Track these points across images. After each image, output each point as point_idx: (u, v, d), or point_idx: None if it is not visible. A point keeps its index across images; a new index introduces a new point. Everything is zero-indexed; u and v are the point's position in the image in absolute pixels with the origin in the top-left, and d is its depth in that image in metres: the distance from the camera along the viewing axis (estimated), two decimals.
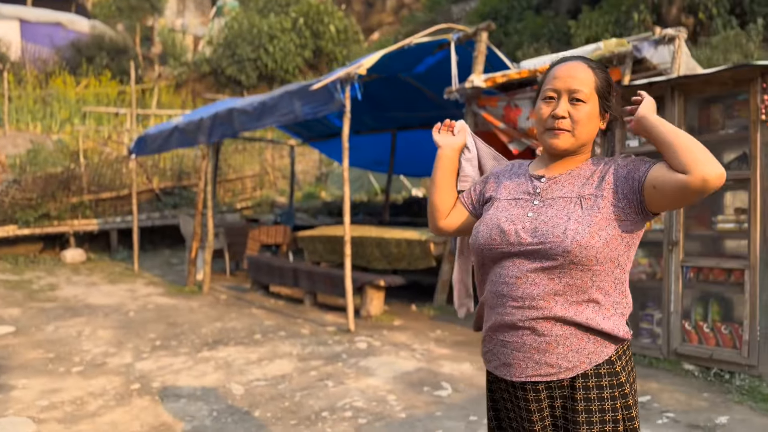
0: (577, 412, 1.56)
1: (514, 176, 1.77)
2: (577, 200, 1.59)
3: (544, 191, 1.65)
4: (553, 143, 1.62)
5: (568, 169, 1.66)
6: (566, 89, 1.59)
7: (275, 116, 6.12)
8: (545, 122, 1.63)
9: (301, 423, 3.57)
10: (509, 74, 5.90)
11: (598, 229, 1.54)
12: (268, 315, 6.47)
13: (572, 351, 1.56)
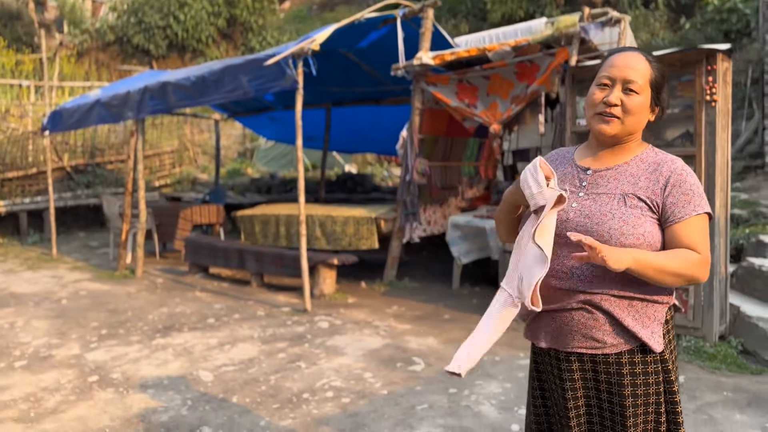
0: (623, 386, 1.64)
1: (560, 165, 1.81)
2: (621, 198, 1.64)
3: (590, 185, 1.70)
4: (602, 129, 1.67)
5: (615, 163, 1.71)
6: (621, 78, 1.64)
7: (220, 92, 5.85)
8: (596, 107, 1.68)
9: (284, 406, 3.53)
10: (458, 52, 5.97)
11: (639, 227, 1.60)
12: (215, 298, 6.27)
13: (618, 328, 1.64)
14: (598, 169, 1.72)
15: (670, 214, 1.62)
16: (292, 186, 11.93)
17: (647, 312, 1.65)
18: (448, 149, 7.14)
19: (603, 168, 1.71)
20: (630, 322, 1.63)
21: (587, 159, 1.76)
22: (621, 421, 1.65)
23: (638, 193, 1.64)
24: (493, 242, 6.00)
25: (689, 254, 1.58)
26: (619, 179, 1.68)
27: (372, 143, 10.98)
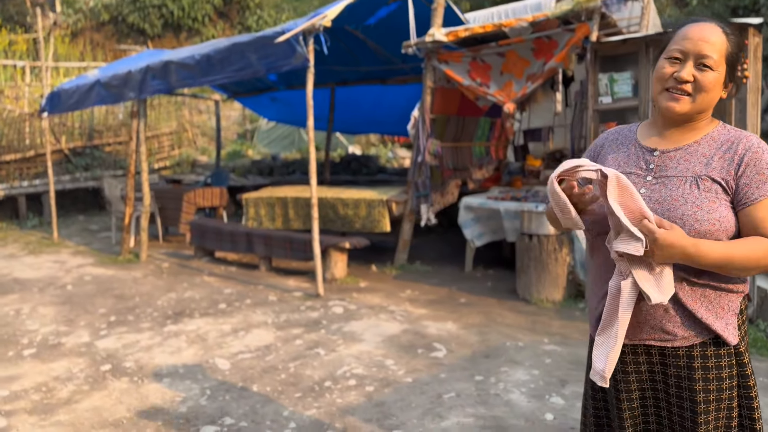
0: (694, 380, 1.52)
1: (622, 146, 1.67)
2: (693, 180, 1.50)
3: (658, 167, 1.56)
4: (671, 106, 1.52)
5: (684, 143, 1.56)
6: (695, 52, 1.49)
7: (227, 71, 5.66)
8: (666, 82, 1.53)
9: (306, 395, 3.42)
10: (473, 28, 5.79)
11: (714, 212, 1.46)
12: (224, 282, 6.15)
13: (690, 320, 1.52)
14: (666, 150, 1.57)
15: (743, 196, 1.48)
16: (294, 168, 11.75)
17: (721, 302, 1.53)
18: (459, 129, 6.98)
19: (672, 148, 1.57)
20: (703, 313, 1.51)
21: (652, 138, 1.61)
22: (691, 417, 1.54)
23: (711, 174, 1.50)
24: (508, 224, 5.88)
25: (762, 242, 1.44)
26: (690, 160, 1.54)
27: (376, 124, 10.80)
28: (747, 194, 1.48)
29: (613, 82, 4.77)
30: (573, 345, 4.14)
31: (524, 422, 3.03)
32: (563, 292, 5.12)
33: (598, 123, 4.91)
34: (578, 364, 3.77)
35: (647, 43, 4.55)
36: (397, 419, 3.10)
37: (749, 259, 1.42)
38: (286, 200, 7.04)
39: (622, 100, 4.76)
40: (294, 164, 12.08)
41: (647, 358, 1.58)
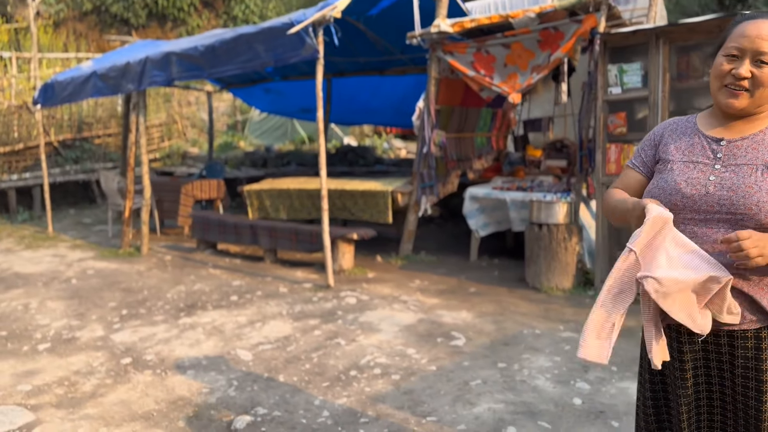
0: (762, 361, 1.57)
1: (684, 136, 1.71)
2: (765, 168, 1.54)
3: (726, 156, 1.60)
4: (730, 102, 1.58)
5: (750, 133, 1.61)
6: (753, 49, 1.53)
7: (235, 63, 5.62)
8: (724, 78, 1.58)
9: (334, 384, 3.46)
10: (479, 19, 5.81)
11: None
12: (230, 275, 6.14)
13: (755, 308, 1.56)
14: (732, 139, 1.62)
15: None
16: (289, 159, 11.70)
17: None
18: (463, 120, 7.02)
19: (738, 138, 1.61)
20: (766, 302, 1.56)
21: (716, 129, 1.66)
22: (756, 397, 1.59)
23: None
24: (514, 214, 5.94)
25: None
26: (758, 149, 1.58)
27: (371, 114, 10.79)
28: None
29: (623, 72, 4.84)
30: None
31: (554, 407, 3.09)
32: (573, 280, 5.21)
33: (607, 113, 4.97)
34: None
35: (657, 35, 4.61)
36: (429, 406, 3.14)
37: None
38: (290, 192, 7.03)
39: (631, 91, 4.83)
40: (289, 155, 12.04)
41: (715, 346, 1.63)
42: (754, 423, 1.59)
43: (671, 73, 4.66)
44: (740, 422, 1.63)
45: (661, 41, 4.59)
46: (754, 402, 1.59)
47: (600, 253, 5.10)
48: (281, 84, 10.35)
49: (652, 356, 1.59)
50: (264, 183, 7.60)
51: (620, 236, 5.12)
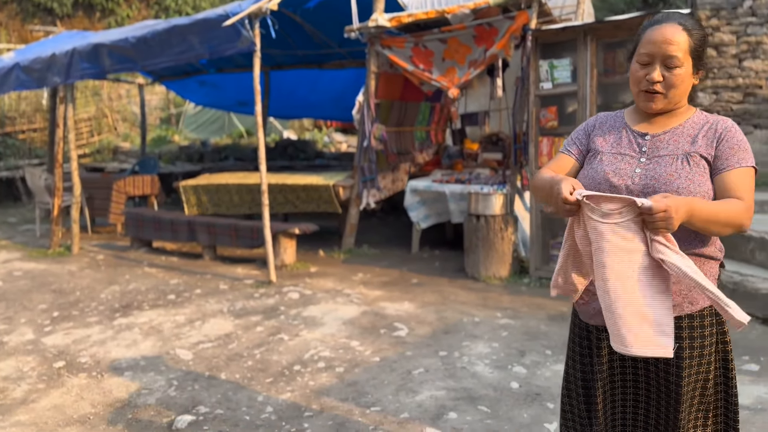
0: (682, 348, 1.67)
1: (613, 129, 1.81)
2: (684, 157, 1.66)
3: (651, 149, 1.71)
4: (648, 105, 1.70)
5: (671, 126, 1.73)
6: (661, 54, 1.63)
7: (168, 55, 5.48)
8: (640, 83, 1.69)
9: (277, 379, 3.45)
10: (416, 14, 5.88)
11: (704, 185, 1.64)
12: (168, 273, 5.99)
13: (677, 295, 1.67)
14: (656, 134, 1.73)
15: (718, 164, 1.66)
16: (227, 153, 11.49)
17: (704, 269, 1.69)
18: (402, 114, 7.09)
19: (660, 132, 1.73)
20: (692, 266, 1.67)
21: (642, 124, 1.77)
22: (676, 373, 1.68)
23: (699, 151, 1.67)
24: (453, 206, 6.07)
25: (735, 202, 1.62)
26: (678, 140, 1.70)
27: (311, 108, 10.73)
28: (721, 163, 1.66)
29: (553, 68, 5.02)
30: (524, 318, 4.38)
31: (493, 391, 3.20)
32: (509, 269, 5.38)
33: (539, 108, 5.15)
34: (532, 336, 4.01)
35: (585, 32, 4.81)
36: (372, 396, 3.19)
37: (729, 215, 1.57)
38: (228, 187, 6.92)
39: (562, 86, 5.02)
40: (226, 150, 11.81)
41: None
42: (674, 405, 1.69)
43: (598, 68, 4.86)
44: (662, 404, 1.73)
45: (589, 38, 4.79)
46: (674, 386, 1.69)
47: (534, 242, 5.29)
48: (217, 76, 10.14)
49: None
50: (201, 178, 7.44)
51: (553, 226, 5.33)
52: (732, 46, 7.43)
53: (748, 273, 4.32)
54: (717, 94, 7.55)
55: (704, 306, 1.69)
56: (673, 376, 1.69)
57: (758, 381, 3.24)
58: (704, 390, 1.71)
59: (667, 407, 1.71)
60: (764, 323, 4.08)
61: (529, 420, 2.89)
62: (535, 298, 4.88)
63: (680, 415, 1.67)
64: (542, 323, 4.27)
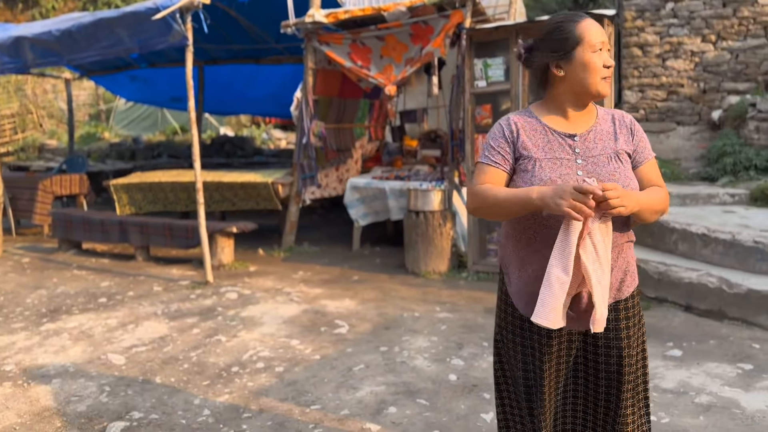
0: (620, 330, 1.77)
1: (536, 133, 1.78)
2: (614, 156, 1.75)
3: (582, 150, 1.75)
4: (607, 90, 1.75)
5: (589, 125, 1.79)
6: (605, 43, 1.74)
7: (95, 49, 5.26)
8: (601, 71, 1.73)
9: (215, 382, 3.39)
10: (352, 11, 5.88)
11: (634, 178, 1.76)
12: (98, 276, 5.77)
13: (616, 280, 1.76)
14: (581, 134, 1.77)
15: (637, 157, 1.80)
16: (160, 151, 11.15)
17: (629, 253, 1.80)
18: (341, 111, 7.07)
19: (585, 131, 1.78)
20: (628, 258, 1.79)
21: (561, 123, 1.79)
22: (617, 353, 1.77)
23: (624, 148, 1.77)
24: (393, 203, 6.11)
25: (660, 190, 1.77)
26: (603, 139, 1.77)
27: (248, 104, 10.54)
28: (640, 155, 1.80)
29: (488, 66, 5.13)
30: (462, 311, 4.47)
31: (431, 384, 3.25)
32: (448, 263, 5.47)
33: (474, 105, 5.25)
34: (470, 329, 4.09)
35: (517, 31, 4.93)
36: (312, 395, 3.18)
37: (660, 203, 1.74)
38: (162, 185, 6.72)
39: (496, 84, 5.13)
40: (159, 147, 11.46)
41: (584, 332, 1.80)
42: (615, 393, 1.78)
43: None
44: (602, 390, 1.81)
45: (521, 37, 4.91)
46: (615, 375, 1.77)
47: (472, 237, 5.40)
48: (148, 71, 9.82)
49: None
50: (133, 176, 7.20)
51: (489, 221, 5.45)
52: (656, 46, 7.80)
53: (671, 263, 4.56)
54: (642, 92, 7.90)
55: (633, 288, 1.80)
56: (615, 357, 1.77)
57: (681, 366, 3.42)
58: (636, 368, 1.81)
59: (608, 388, 1.79)
60: (687, 311, 4.32)
61: (466, 411, 2.95)
62: (472, 291, 4.98)
63: (622, 395, 1.77)
64: (479, 316, 4.36)
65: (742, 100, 6.75)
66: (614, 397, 1.79)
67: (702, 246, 4.57)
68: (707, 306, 4.16)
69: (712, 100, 7.66)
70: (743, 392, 3.06)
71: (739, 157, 6.28)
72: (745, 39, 7.49)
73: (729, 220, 4.93)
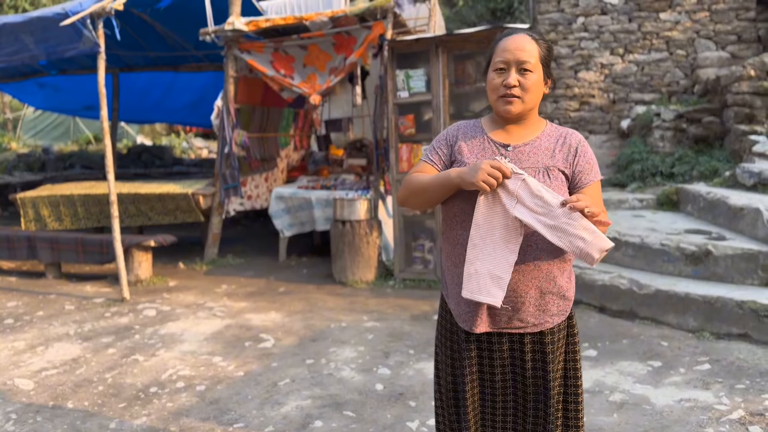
0: (547, 357, 1.81)
1: (474, 139, 1.86)
2: (545, 171, 1.78)
3: (514, 160, 1.79)
4: (507, 109, 1.78)
5: (528, 139, 1.83)
6: (515, 60, 1.75)
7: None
8: (498, 90, 1.78)
9: (132, 404, 3.24)
10: (274, 19, 5.81)
11: (564, 195, 1.74)
12: (5, 295, 5.40)
13: (539, 311, 1.79)
14: (517, 145, 1.82)
15: (578, 180, 1.81)
16: (72, 161, 10.59)
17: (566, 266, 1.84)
18: (264, 119, 6.96)
19: (521, 143, 1.82)
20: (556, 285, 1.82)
21: (500, 134, 1.85)
22: (542, 367, 1.81)
23: (557, 165, 1.79)
24: (318, 213, 6.07)
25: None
26: (538, 153, 1.81)
27: (166, 112, 10.19)
28: (581, 179, 1.81)
29: (409, 77, 5.20)
30: (389, 319, 4.48)
31: (358, 395, 3.24)
32: (375, 272, 5.48)
33: (397, 115, 5.31)
34: (396, 337, 4.11)
35: (436, 44, 5.04)
36: (236, 413, 3.10)
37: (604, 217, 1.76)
38: (73, 198, 6.37)
39: (417, 95, 5.21)
40: (72, 157, 10.88)
41: (509, 345, 1.83)
42: (543, 401, 1.81)
43: (450, 79, 5.12)
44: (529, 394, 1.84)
45: (440, 49, 5.03)
46: (541, 372, 1.81)
47: (398, 245, 5.44)
48: (59, 78, 9.33)
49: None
50: (42, 189, 6.80)
51: (415, 229, 5.52)
52: (569, 59, 8.17)
53: (584, 266, 4.77)
54: (557, 102, 8.25)
55: (559, 322, 1.83)
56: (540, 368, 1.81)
57: (596, 365, 3.58)
58: (561, 377, 1.85)
59: (536, 395, 1.82)
60: (601, 312, 4.52)
61: (392, 420, 2.96)
62: (399, 299, 5.01)
63: (549, 401, 1.80)
64: (406, 324, 4.39)
65: (648, 110, 7.18)
66: (542, 407, 1.82)
67: (614, 249, 4.81)
68: (620, 306, 4.38)
69: (621, 110, 8.11)
70: (653, 389, 3.23)
71: (646, 164, 6.67)
72: (650, 52, 7.98)
73: (638, 224, 5.21)
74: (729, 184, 5.60)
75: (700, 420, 2.88)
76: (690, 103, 7.18)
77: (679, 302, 4.08)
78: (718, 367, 3.48)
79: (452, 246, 1.85)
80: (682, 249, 4.42)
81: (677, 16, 7.88)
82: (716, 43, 7.83)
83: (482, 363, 1.85)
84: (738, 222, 4.68)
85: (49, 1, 16.81)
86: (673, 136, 6.83)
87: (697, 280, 4.34)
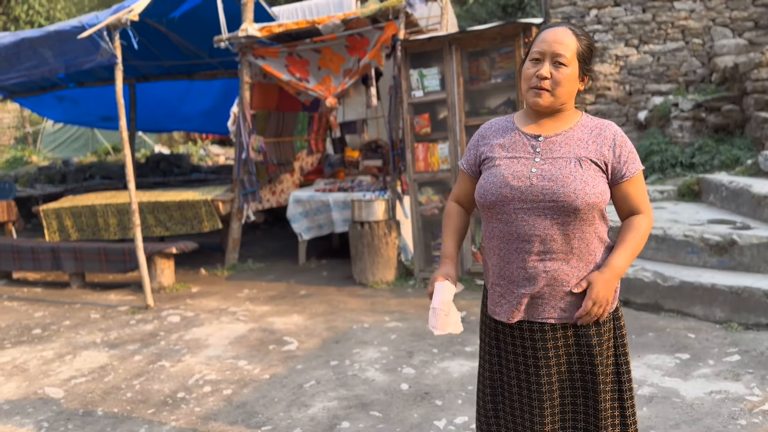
0: (592, 346, 1.78)
1: (505, 134, 1.86)
2: (576, 161, 1.75)
3: (544, 150, 1.78)
4: (536, 101, 1.77)
5: (561, 130, 1.81)
6: (551, 52, 1.74)
7: (18, 70, 5.02)
8: (530, 81, 1.77)
9: (160, 409, 3.27)
10: (286, 24, 5.84)
11: (597, 186, 1.73)
12: (31, 306, 5.49)
13: (579, 298, 1.77)
14: (548, 136, 1.81)
15: (620, 171, 1.78)
16: (92, 172, 10.74)
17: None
18: (280, 124, 7.00)
19: (552, 134, 1.81)
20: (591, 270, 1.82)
21: (532, 126, 1.84)
22: (590, 361, 1.78)
23: (590, 156, 1.76)
24: (337, 215, 6.09)
25: (640, 221, 1.81)
26: (570, 144, 1.79)
27: (182, 120, 10.30)
28: (623, 170, 1.78)
29: (423, 77, 5.20)
30: (411, 320, 4.48)
31: (384, 395, 3.24)
32: (395, 272, 5.48)
33: (412, 115, 5.31)
34: (419, 336, 4.11)
35: (450, 42, 5.03)
36: (263, 416, 3.12)
37: (643, 240, 1.83)
38: (94, 209, 6.46)
39: (432, 94, 5.21)
40: (91, 168, 11.03)
41: (552, 334, 1.80)
42: (593, 397, 1.79)
43: (464, 76, 5.10)
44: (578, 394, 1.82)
45: (453, 47, 5.02)
46: (589, 367, 1.79)
47: (417, 245, 5.44)
48: (77, 91, 9.46)
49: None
50: (64, 200, 6.90)
51: (434, 228, 5.51)
52: None
53: None
54: None
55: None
56: (588, 365, 1.79)
57: None
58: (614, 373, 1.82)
59: (585, 396, 1.81)
60: (625, 305, 4.47)
61: (419, 419, 2.96)
62: (420, 299, 5.01)
63: (599, 396, 1.78)
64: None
65: (666, 101, 7.09)
66: (591, 409, 1.81)
67: None
68: (644, 300, 4.33)
69: (638, 102, 8.02)
70: (682, 381, 3.20)
71: (665, 155, 6.59)
72: (665, 42, 7.89)
73: (660, 215, 5.15)
74: (751, 173, 5.52)
75: (732, 412, 2.84)
76: (708, 92, 7.08)
77: (705, 293, 4.03)
78: (747, 358, 3.42)
79: (488, 239, 1.87)
80: (706, 240, 4.37)
81: (692, 5, 7.79)
82: (733, 30, 7.72)
83: (526, 355, 1.82)
84: (762, 210, 4.61)
85: (64, 16, 17.08)
86: (692, 126, 6.75)
87: (722, 270, 4.28)
